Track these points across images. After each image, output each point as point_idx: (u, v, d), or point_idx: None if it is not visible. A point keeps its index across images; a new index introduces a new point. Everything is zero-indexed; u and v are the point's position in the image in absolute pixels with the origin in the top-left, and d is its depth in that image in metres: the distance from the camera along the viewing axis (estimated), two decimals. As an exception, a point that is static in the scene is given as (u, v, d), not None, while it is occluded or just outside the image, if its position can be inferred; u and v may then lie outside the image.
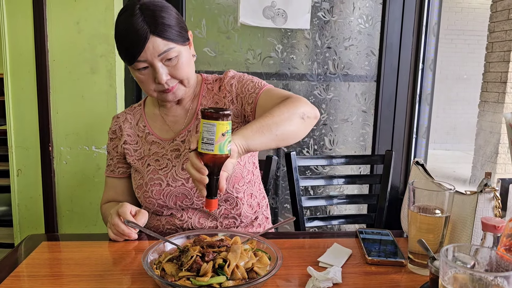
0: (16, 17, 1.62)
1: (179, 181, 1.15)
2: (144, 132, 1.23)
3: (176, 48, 1.06)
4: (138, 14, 1.02)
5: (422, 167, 1.09)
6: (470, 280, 0.57)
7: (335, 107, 2.04)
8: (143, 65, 1.06)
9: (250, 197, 1.23)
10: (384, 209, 1.58)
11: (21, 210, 1.75)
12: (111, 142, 1.28)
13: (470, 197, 0.91)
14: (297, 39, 1.96)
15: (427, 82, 2.05)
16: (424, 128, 2.10)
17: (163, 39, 1.04)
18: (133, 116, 1.27)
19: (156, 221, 1.21)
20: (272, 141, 0.97)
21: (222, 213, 1.18)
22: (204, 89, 1.23)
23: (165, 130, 1.22)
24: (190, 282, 0.80)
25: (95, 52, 1.65)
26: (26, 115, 1.68)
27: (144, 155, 1.20)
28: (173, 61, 1.07)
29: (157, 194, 1.15)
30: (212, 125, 0.83)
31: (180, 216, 1.18)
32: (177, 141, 1.19)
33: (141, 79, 1.10)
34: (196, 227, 1.17)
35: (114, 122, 1.28)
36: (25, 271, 0.91)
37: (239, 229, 1.22)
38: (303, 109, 1.02)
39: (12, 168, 1.72)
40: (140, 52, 1.03)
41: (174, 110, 1.23)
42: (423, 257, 0.90)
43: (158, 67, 1.06)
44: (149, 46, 1.03)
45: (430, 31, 2.01)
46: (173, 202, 1.16)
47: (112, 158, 1.27)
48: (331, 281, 0.84)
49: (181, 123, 1.22)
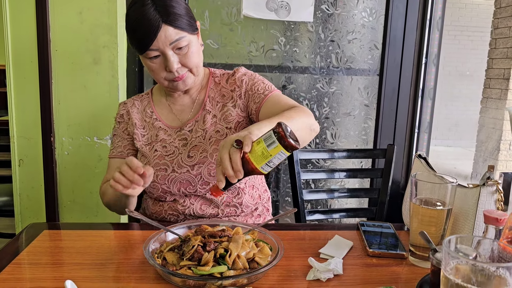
0: (19, 7, 1.61)
1: (184, 168, 1.17)
2: (152, 118, 1.26)
3: (186, 37, 1.10)
4: (149, 4, 1.06)
5: (424, 160, 1.09)
6: (472, 271, 0.57)
7: (338, 100, 2.03)
8: (154, 53, 1.10)
9: (252, 189, 1.26)
10: (385, 203, 1.58)
11: (22, 200, 1.76)
12: (119, 125, 1.29)
13: (473, 190, 0.90)
14: (300, 32, 1.95)
15: (430, 77, 2.04)
16: (426, 123, 2.09)
17: (174, 28, 1.08)
18: (141, 103, 1.29)
19: (159, 207, 1.22)
20: None
21: (224, 201, 1.20)
22: (212, 82, 1.27)
23: (171, 118, 1.25)
24: (191, 271, 0.80)
25: (97, 43, 1.65)
26: (28, 105, 1.68)
27: (152, 141, 1.23)
28: (183, 50, 1.11)
29: (162, 179, 1.17)
30: (285, 155, 0.83)
31: (183, 202, 1.19)
32: (185, 130, 1.22)
33: (152, 67, 1.13)
34: (198, 213, 1.19)
35: (121, 108, 1.30)
36: (26, 259, 0.91)
37: (239, 218, 1.23)
38: (312, 121, 1.09)
39: (14, 158, 1.72)
40: (152, 40, 1.07)
41: (181, 99, 1.26)
42: (425, 249, 0.90)
43: (169, 56, 1.09)
44: (161, 35, 1.07)
45: (434, 26, 2.00)
46: (177, 189, 1.17)
47: (121, 140, 1.27)
48: (332, 272, 0.85)
49: (187, 112, 1.25)
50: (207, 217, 1.20)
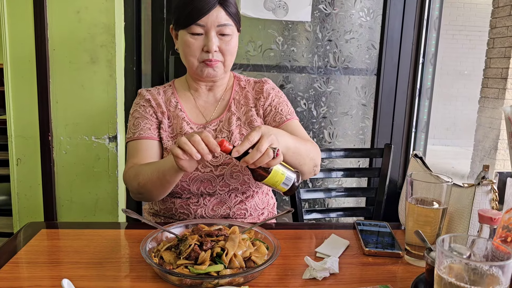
0: (16, 7, 1.61)
1: (208, 168, 1.17)
2: (176, 108, 1.24)
3: (232, 28, 1.15)
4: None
5: (420, 160, 1.09)
6: (466, 269, 0.57)
7: (335, 100, 2.04)
8: (199, 30, 1.13)
9: (262, 194, 1.29)
10: (382, 203, 1.58)
11: (20, 199, 1.76)
12: (146, 109, 1.22)
13: (468, 189, 0.91)
14: (298, 32, 1.95)
15: (427, 76, 2.05)
16: (423, 123, 2.10)
17: (226, 12, 1.13)
18: (164, 93, 1.27)
19: (170, 203, 1.21)
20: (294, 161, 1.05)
21: (237, 204, 1.21)
22: (236, 85, 1.29)
23: (195, 114, 1.25)
24: (188, 270, 0.80)
25: (95, 42, 1.65)
26: (26, 104, 1.68)
27: (177, 133, 1.21)
28: (226, 38, 1.15)
29: (184, 177, 1.15)
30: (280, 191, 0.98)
31: (196, 201, 1.19)
32: (209, 128, 1.22)
33: (190, 43, 1.14)
34: (209, 214, 1.20)
35: (145, 93, 1.25)
36: (24, 258, 0.91)
37: (246, 221, 1.24)
38: (317, 161, 1.15)
39: (11, 157, 1.73)
40: (203, 15, 1.11)
41: (205, 95, 1.27)
42: (420, 248, 0.91)
43: (212, 36, 1.13)
44: (213, 14, 1.11)
45: (431, 26, 2.01)
46: (197, 188, 1.17)
47: (149, 123, 1.21)
48: (328, 271, 0.85)
49: (211, 110, 1.25)
50: (217, 217, 1.20)
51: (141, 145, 1.19)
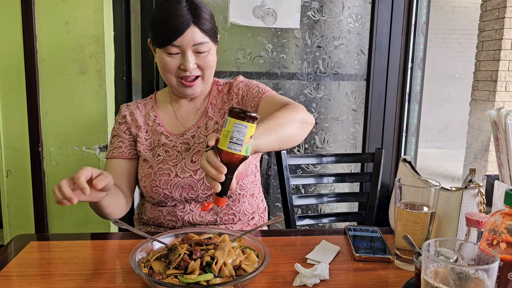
0: (5, 17, 1.61)
1: (187, 173, 1.18)
2: (155, 122, 1.27)
3: (209, 44, 1.16)
4: (184, 3, 1.13)
5: (409, 164, 1.10)
6: (451, 274, 0.58)
7: (326, 106, 2.05)
8: (175, 50, 1.14)
9: (252, 197, 1.27)
10: (374, 207, 1.59)
11: (11, 211, 1.74)
12: (121, 126, 1.27)
13: (455, 193, 0.92)
14: (287, 39, 1.97)
15: (416, 81, 2.07)
16: (413, 127, 2.12)
17: (201, 31, 1.13)
18: (144, 106, 1.30)
19: (157, 212, 1.22)
20: (277, 142, 0.99)
21: (224, 209, 1.21)
22: (215, 89, 1.30)
23: (175, 125, 1.27)
24: (178, 280, 0.80)
25: (84, 52, 1.65)
26: (15, 115, 1.67)
27: (155, 146, 1.24)
28: (203, 55, 1.16)
29: (165, 184, 1.17)
30: (245, 127, 0.83)
31: (183, 207, 1.20)
32: (187, 135, 1.23)
33: (167, 62, 1.16)
34: (197, 220, 1.20)
35: (124, 109, 1.30)
36: (14, 271, 0.90)
37: (236, 226, 1.24)
38: (302, 115, 1.07)
39: (1, 169, 1.71)
40: (178, 36, 1.12)
41: (186, 106, 1.28)
42: (410, 253, 0.91)
43: (188, 55, 1.14)
44: (188, 33, 1.12)
45: (419, 31, 2.03)
46: (179, 194, 1.18)
47: (122, 141, 1.26)
48: (318, 277, 0.85)
49: (191, 119, 1.27)
50: (205, 224, 1.20)
51: (110, 164, 1.26)
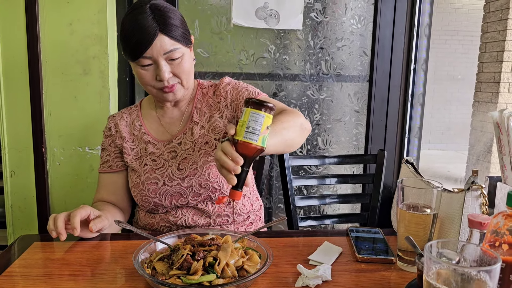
0: (9, 19, 1.62)
1: (175, 181, 1.17)
2: (140, 131, 1.26)
3: (181, 49, 1.12)
4: (148, 13, 1.07)
5: (411, 166, 1.10)
6: (453, 275, 0.58)
7: (328, 107, 2.05)
8: (147, 61, 1.10)
9: (243, 197, 1.26)
10: (377, 208, 1.59)
11: (14, 211, 1.75)
12: (107, 139, 1.29)
13: (458, 194, 0.92)
14: (290, 40, 1.97)
15: (419, 82, 2.07)
16: (416, 128, 2.12)
17: (170, 38, 1.09)
18: (129, 115, 1.29)
19: (151, 218, 1.23)
20: (282, 145, 1.00)
21: (216, 211, 1.20)
22: (199, 93, 1.27)
23: (160, 132, 1.25)
24: (180, 281, 0.80)
25: (87, 53, 1.65)
26: (19, 116, 1.68)
27: (141, 155, 1.23)
28: (176, 61, 1.12)
29: (153, 193, 1.17)
30: (261, 116, 0.83)
31: (175, 213, 1.20)
32: (174, 143, 1.22)
33: (142, 75, 1.13)
34: (190, 224, 1.20)
35: (110, 121, 1.30)
36: (17, 271, 0.91)
37: (231, 226, 1.23)
38: (302, 120, 1.09)
39: (5, 169, 1.72)
40: (147, 48, 1.08)
41: (170, 112, 1.26)
42: (412, 254, 0.91)
43: (162, 65, 1.10)
44: (156, 43, 1.08)
45: (421, 32, 2.03)
46: (169, 201, 1.18)
47: (109, 154, 1.27)
48: (321, 278, 0.85)
49: (176, 125, 1.25)
50: (199, 227, 1.20)
51: (102, 180, 1.28)
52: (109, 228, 1.11)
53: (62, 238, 0.99)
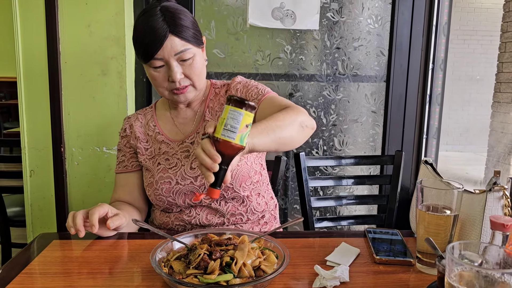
0: (29, 21, 1.65)
1: (188, 180, 1.17)
2: (154, 131, 1.27)
3: (192, 50, 1.12)
4: (158, 15, 1.09)
5: (430, 166, 1.08)
6: (476, 277, 0.56)
7: (345, 107, 2.03)
8: (159, 63, 1.11)
9: (258, 196, 1.25)
10: (394, 210, 1.57)
11: (34, 210, 1.78)
12: (122, 140, 1.31)
13: (479, 196, 0.90)
14: (306, 40, 1.96)
15: (437, 82, 2.04)
16: (434, 129, 2.08)
17: (181, 39, 1.10)
18: (144, 116, 1.31)
19: (166, 217, 1.24)
20: (274, 144, 0.96)
21: (229, 210, 1.20)
22: (212, 93, 1.28)
23: (174, 132, 1.26)
24: (197, 280, 0.80)
25: (106, 54, 1.67)
26: (38, 116, 1.71)
27: (155, 154, 1.24)
28: (188, 62, 1.13)
29: (167, 192, 1.18)
30: (239, 114, 0.81)
31: (189, 212, 1.20)
32: (187, 142, 1.23)
33: (155, 76, 1.14)
34: (204, 223, 1.20)
35: (125, 122, 1.33)
36: (37, 269, 0.92)
37: (246, 225, 1.23)
38: (302, 118, 1.04)
39: (25, 169, 1.75)
40: (158, 49, 1.09)
41: (184, 112, 1.27)
42: (432, 256, 0.89)
43: (173, 66, 1.11)
44: (167, 45, 1.08)
45: (440, 31, 2.00)
46: (182, 200, 1.19)
47: (124, 155, 1.30)
48: (338, 279, 0.84)
49: (190, 125, 1.26)
50: (213, 226, 1.20)
51: (119, 180, 1.30)
52: (126, 227, 1.12)
53: (80, 235, 1.01)
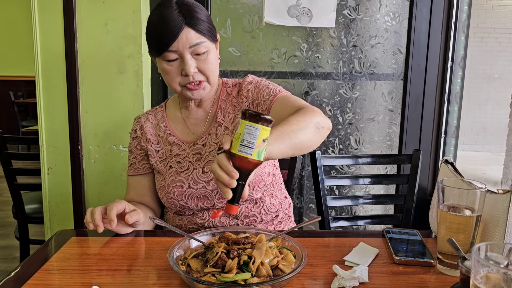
0: (48, 21, 1.67)
1: (200, 184, 1.16)
2: (165, 132, 1.24)
3: (206, 44, 1.10)
4: (174, 7, 1.08)
5: (451, 166, 1.06)
6: (504, 279, 0.55)
7: (361, 106, 2.01)
8: (173, 56, 1.09)
9: (271, 197, 1.23)
10: (411, 210, 1.55)
11: (51, 207, 1.80)
12: (133, 141, 1.29)
13: (503, 196, 0.88)
14: (322, 38, 1.94)
15: (456, 80, 2.00)
16: (453, 128, 2.05)
17: (196, 31, 1.08)
18: (154, 117, 1.28)
19: (178, 220, 1.22)
20: (290, 149, 0.94)
21: (243, 212, 1.19)
22: (224, 93, 1.25)
23: (186, 133, 1.24)
24: (215, 278, 0.80)
25: (122, 53, 1.68)
26: (56, 115, 1.73)
27: (166, 157, 1.22)
28: (202, 56, 1.10)
29: (179, 196, 1.17)
30: (256, 129, 0.80)
31: (202, 215, 1.19)
32: (198, 144, 1.20)
33: (168, 70, 1.11)
34: (217, 226, 1.18)
35: (135, 123, 1.30)
36: (55, 265, 0.93)
37: (260, 226, 1.22)
38: (318, 119, 1.01)
39: (43, 166, 1.77)
40: (173, 41, 1.07)
41: (195, 112, 1.24)
42: (453, 257, 0.87)
43: (187, 59, 1.08)
44: (182, 37, 1.07)
45: (459, 29, 1.97)
46: (195, 204, 1.17)
47: (135, 157, 1.28)
48: (357, 280, 0.83)
49: (201, 126, 1.23)
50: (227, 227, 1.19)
51: (131, 182, 1.29)
52: (142, 225, 1.12)
53: (99, 230, 1.01)
